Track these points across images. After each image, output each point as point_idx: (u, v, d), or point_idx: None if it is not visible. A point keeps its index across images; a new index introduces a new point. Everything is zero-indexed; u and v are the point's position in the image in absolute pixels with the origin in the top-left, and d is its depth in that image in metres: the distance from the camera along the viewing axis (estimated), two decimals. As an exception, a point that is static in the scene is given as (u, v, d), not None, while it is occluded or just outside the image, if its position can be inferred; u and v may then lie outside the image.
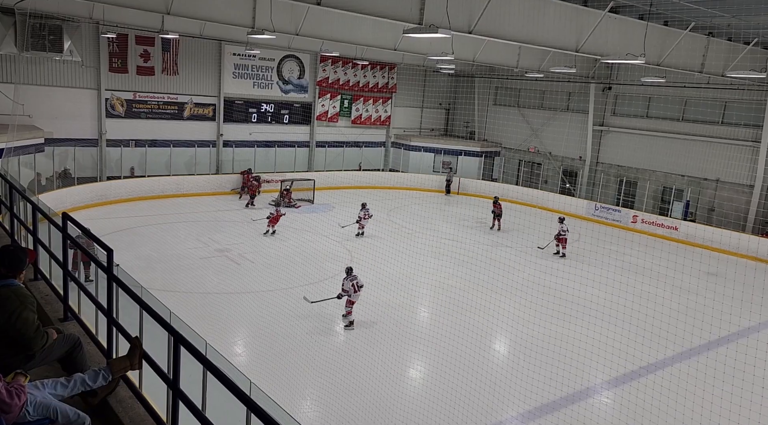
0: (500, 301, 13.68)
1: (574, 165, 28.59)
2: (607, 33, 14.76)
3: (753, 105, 22.02)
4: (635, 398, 9.79)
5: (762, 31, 16.52)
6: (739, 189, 22.48)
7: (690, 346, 12.08)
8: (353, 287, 11.74)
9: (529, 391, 9.49)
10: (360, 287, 11.88)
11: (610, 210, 24.71)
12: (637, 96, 26.16)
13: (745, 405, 9.60)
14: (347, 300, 11.89)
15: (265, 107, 27.92)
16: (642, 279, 16.30)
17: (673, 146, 24.48)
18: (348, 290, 11.78)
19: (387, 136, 32.61)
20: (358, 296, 11.95)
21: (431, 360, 11.03)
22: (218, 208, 22.26)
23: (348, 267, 12.23)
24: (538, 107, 30.39)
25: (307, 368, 10.21)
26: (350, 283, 11.78)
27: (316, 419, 8.89)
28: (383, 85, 31.53)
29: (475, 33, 12.82)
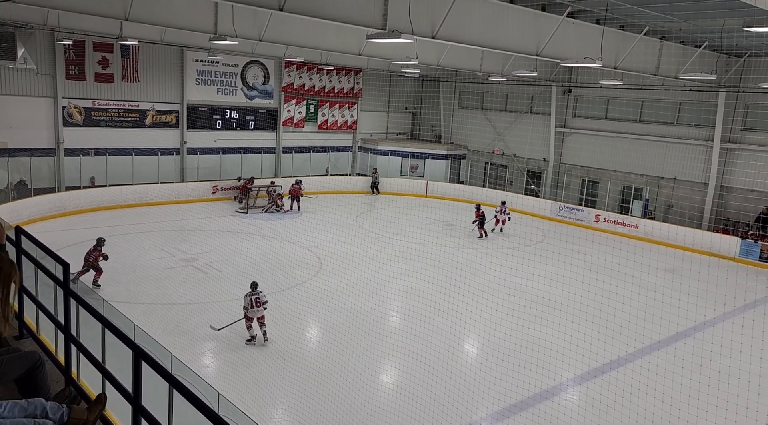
0: (469, 303, 13.82)
1: (539, 166, 29.14)
2: (565, 37, 15.12)
3: (705, 106, 22.85)
4: (600, 394, 10.01)
5: (711, 35, 17.19)
6: (694, 187, 23.28)
7: (651, 342, 12.43)
8: (251, 302, 11.24)
9: (499, 391, 9.61)
10: (260, 303, 11.26)
11: (574, 210, 25.27)
12: (597, 98, 26.85)
13: (702, 398, 9.93)
14: (246, 316, 11.35)
15: (229, 113, 27.61)
16: (605, 277, 16.70)
17: (631, 147, 25.20)
18: (245, 307, 11.33)
19: (354, 140, 32.64)
20: (256, 312, 11.27)
21: (403, 364, 11.07)
22: (184, 217, 21.88)
23: (252, 282, 11.67)
24: (502, 109, 30.88)
25: (279, 376, 10.12)
26: (248, 299, 11.31)
27: None
28: (349, 89, 31.56)
29: (438, 38, 12.96)
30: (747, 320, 14.27)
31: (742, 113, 22.09)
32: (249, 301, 11.25)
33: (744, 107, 22.02)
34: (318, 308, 13.49)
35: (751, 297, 16.06)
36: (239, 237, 19.60)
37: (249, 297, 11.31)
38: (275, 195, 24.24)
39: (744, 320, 14.29)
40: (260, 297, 11.30)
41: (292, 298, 13.98)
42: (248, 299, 11.30)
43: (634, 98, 25.13)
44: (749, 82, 21.08)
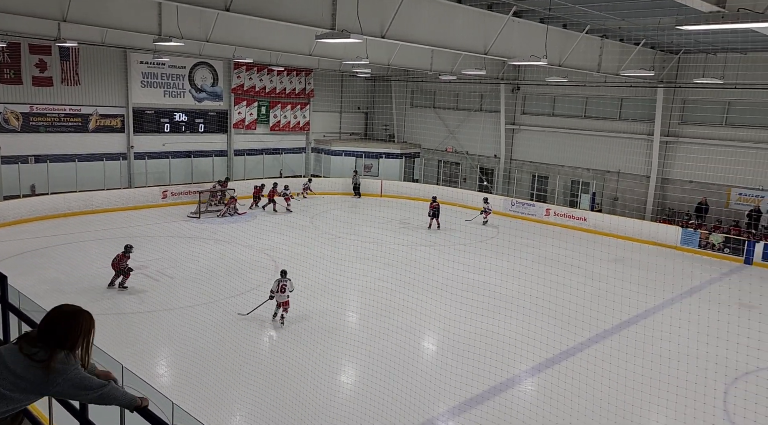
0: (426, 300, 13.97)
1: (490, 163, 29.70)
2: (511, 36, 15.47)
3: (645, 101, 23.82)
4: (554, 383, 10.32)
5: (648, 33, 17.93)
6: (637, 180, 24.25)
7: (600, 330, 12.89)
8: (279, 288, 12.53)
9: (457, 386, 9.76)
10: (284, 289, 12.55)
11: (525, 205, 25.88)
12: (544, 96, 27.58)
13: (646, 382, 10.38)
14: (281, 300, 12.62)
15: (178, 116, 26.94)
16: (556, 269, 17.19)
17: (578, 142, 26.01)
18: (273, 291, 12.60)
19: (307, 141, 32.43)
20: (281, 297, 12.57)
21: (362, 363, 11.09)
22: (132, 223, 21.22)
23: (282, 270, 12.99)
24: (454, 108, 31.31)
25: (236, 382, 9.97)
26: (277, 284, 12.58)
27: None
28: (300, 90, 31.33)
29: (387, 37, 13.03)
30: (687, 305, 15.00)
31: (679, 107, 23.14)
32: (277, 286, 12.51)
33: (681, 101, 23.07)
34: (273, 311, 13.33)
35: (692, 283, 16.87)
36: (192, 242, 19.17)
37: (278, 283, 12.55)
38: (229, 199, 23.84)
39: (684, 305, 15.02)
40: (287, 285, 12.53)
41: (248, 302, 13.78)
42: (277, 284, 12.54)
43: (578, 95, 25.94)
44: (685, 77, 22.11)
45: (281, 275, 12.78)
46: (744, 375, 10.97)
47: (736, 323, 12.61)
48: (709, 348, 11.45)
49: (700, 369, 10.87)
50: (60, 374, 2.74)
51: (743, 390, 10.39)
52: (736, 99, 21.48)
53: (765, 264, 19.17)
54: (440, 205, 22.99)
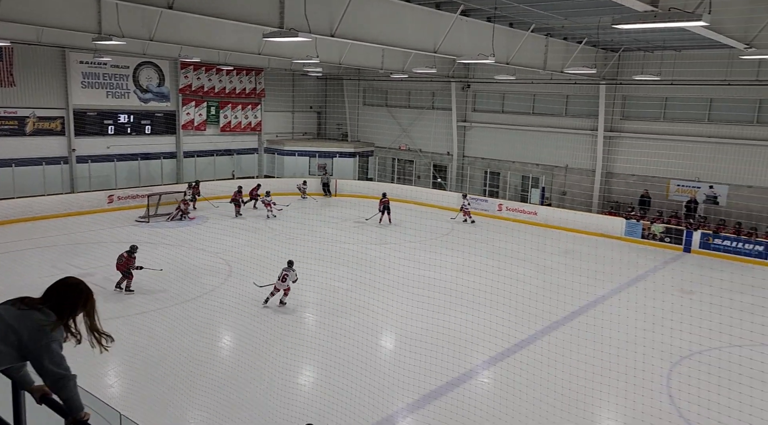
0: (382, 299, 14.02)
1: (443, 160, 30.06)
2: (460, 35, 15.70)
3: (589, 98, 24.61)
4: (509, 374, 10.55)
5: (589, 32, 18.54)
6: (583, 174, 25.06)
7: (552, 321, 13.27)
8: (284, 277, 13.49)
9: (414, 382, 9.84)
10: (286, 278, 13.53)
11: (478, 200, 26.32)
12: (493, 93, 28.11)
13: (596, 370, 10.75)
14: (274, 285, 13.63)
15: (122, 117, 26.07)
16: (510, 262, 17.58)
17: (527, 138, 26.65)
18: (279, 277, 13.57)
19: (259, 142, 31.99)
20: (281, 285, 13.58)
21: (319, 364, 11.04)
22: (77, 230, 20.40)
23: (289, 260, 13.89)
24: (406, 106, 31.52)
25: (189, 389, 9.74)
26: (282, 273, 13.54)
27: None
28: (251, 90, 30.86)
29: (337, 36, 12.99)
30: (632, 293, 15.62)
31: (620, 103, 24.03)
32: (280, 274, 13.53)
33: (622, 98, 23.97)
34: (229, 314, 13.13)
35: (636, 272, 17.58)
36: (141, 248, 18.54)
37: (282, 271, 13.54)
38: (180, 201, 23.23)
39: (629, 294, 15.63)
40: (289, 274, 13.51)
41: (202, 306, 13.51)
42: (281, 272, 13.53)
43: (526, 92, 26.57)
44: (625, 74, 22.99)
45: (288, 265, 13.65)
46: (684, 359, 11.51)
47: (677, 309, 13.22)
48: (652, 333, 11.96)
49: (645, 355, 11.35)
50: (46, 335, 2.90)
51: (684, 372, 10.90)
52: (672, 95, 22.49)
53: (702, 252, 20.17)
54: (390, 201, 23.62)
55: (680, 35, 17.49)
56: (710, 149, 21.62)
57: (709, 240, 20.13)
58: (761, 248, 19.09)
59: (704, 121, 21.99)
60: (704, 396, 9.36)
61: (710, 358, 11.46)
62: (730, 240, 19.75)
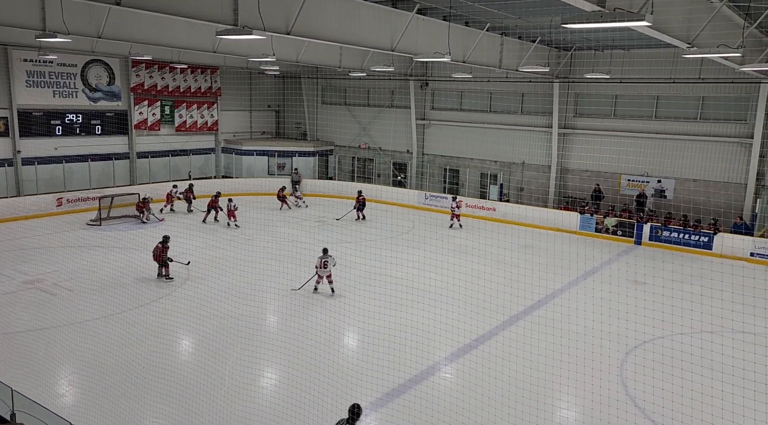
0: (345, 296, 14.02)
1: (403, 158, 30.21)
2: (416, 33, 15.80)
3: (543, 96, 25.17)
4: (472, 367, 10.71)
5: (542, 31, 18.97)
6: (540, 170, 25.63)
7: (512, 314, 13.54)
8: (321, 264, 14.17)
9: (378, 379, 9.88)
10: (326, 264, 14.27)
11: (439, 198, 26.57)
12: (451, 91, 28.42)
13: (554, 358, 11.04)
14: (317, 274, 14.37)
15: (70, 117, 25.16)
16: (470, 258, 17.83)
17: (485, 135, 27.06)
18: (317, 267, 14.24)
19: (216, 141, 31.41)
20: (324, 272, 14.32)
21: (282, 364, 10.94)
22: (23, 234, 19.60)
23: (324, 248, 14.52)
24: (365, 104, 31.52)
25: (146, 396, 9.50)
26: (319, 260, 14.17)
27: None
28: (207, 89, 30.26)
29: (293, 34, 12.86)
30: (586, 286, 16.09)
31: (573, 101, 24.69)
32: (319, 262, 14.11)
33: (574, 95, 24.62)
34: (187, 318, 12.86)
35: (590, 265, 18.11)
36: (94, 252, 18.01)
37: (320, 260, 14.10)
38: (140, 202, 22.47)
39: (584, 286, 16.09)
40: (329, 260, 14.15)
41: (159, 310, 13.19)
42: (320, 261, 14.08)
43: (483, 90, 26.96)
44: (577, 73, 23.63)
45: (323, 253, 14.18)
46: (636, 348, 11.94)
47: (629, 300, 13.69)
48: (606, 324, 12.36)
49: (598, 346, 11.72)
50: None
51: (636, 361, 11.31)
52: (621, 92, 23.25)
53: (652, 244, 20.95)
54: (365, 199, 23.90)
55: (628, 35, 18.09)
56: (657, 145, 22.47)
57: (659, 233, 20.92)
58: (705, 239, 19.96)
59: (651, 118, 22.82)
60: (655, 384, 9.73)
61: (660, 347, 11.92)
62: (677, 232, 20.56)
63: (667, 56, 20.81)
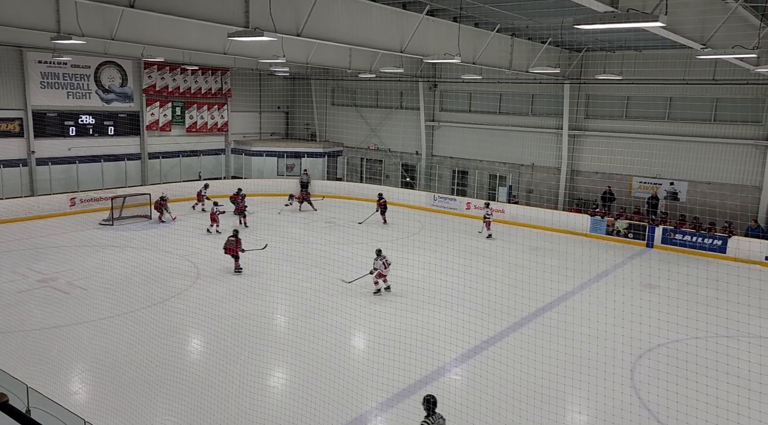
0: (353, 298, 14.03)
1: (412, 159, 30.20)
2: (426, 35, 15.81)
3: (554, 97, 25.07)
4: (481, 370, 10.67)
5: (554, 32, 18.89)
6: (549, 172, 25.51)
7: (521, 316, 13.48)
8: (383, 264, 14.30)
9: (386, 381, 9.89)
10: (389, 264, 14.52)
11: (447, 199, 26.54)
12: (460, 92, 28.37)
13: (565, 360, 10.98)
14: (378, 273, 14.41)
15: (84, 118, 25.41)
16: (480, 260, 17.77)
17: (494, 137, 26.99)
18: (378, 268, 14.30)
19: (226, 142, 31.58)
20: (387, 271, 14.48)
21: (291, 365, 10.97)
22: (37, 234, 19.80)
23: (377, 249, 14.65)
24: (374, 105, 31.56)
25: (158, 394, 9.57)
26: (380, 262, 14.28)
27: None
28: (217, 90, 30.44)
29: (303, 35, 12.93)
30: (597, 289, 15.98)
31: (584, 102, 24.55)
32: (382, 263, 14.30)
33: (585, 97, 24.48)
34: (198, 317, 12.93)
35: (601, 268, 17.99)
36: (106, 251, 18.17)
37: (381, 260, 14.29)
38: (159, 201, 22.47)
39: (594, 289, 15.98)
40: (387, 259, 14.45)
41: (169, 310, 13.28)
42: (380, 262, 14.28)
43: (493, 92, 26.90)
44: (588, 74, 23.50)
45: (377, 254, 14.38)
46: (648, 352, 11.84)
47: (641, 303, 13.58)
48: (617, 328, 12.26)
49: (610, 349, 11.64)
50: None
51: (650, 365, 11.22)
52: (633, 94, 23.09)
53: (664, 247, 20.77)
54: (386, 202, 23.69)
55: (640, 35, 17.97)
56: (670, 147, 22.28)
57: (671, 236, 20.74)
58: (719, 242, 19.76)
59: (664, 119, 22.63)
60: (667, 387, 9.65)
61: (675, 351, 11.81)
62: (690, 235, 20.37)
63: (681, 57, 20.66)
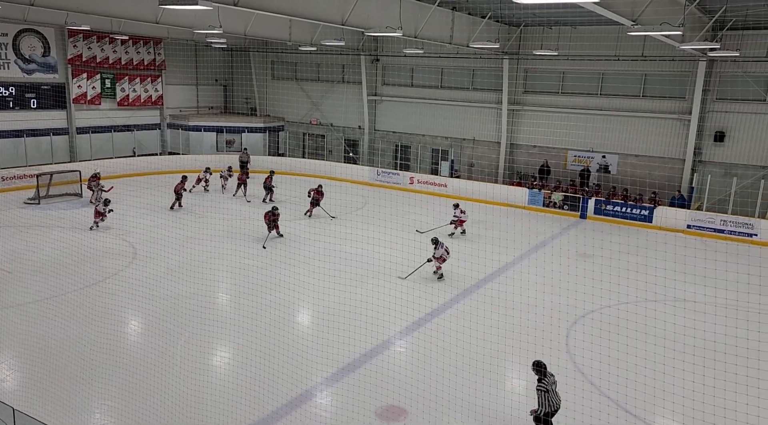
0: (298, 274, 13.95)
1: (355, 134, 30.02)
2: (368, 7, 15.58)
3: (493, 72, 25.40)
4: (424, 342, 10.91)
5: (493, 5, 19.05)
6: (490, 146, 26.01)
7: (464, 288, 13.83)
8: (445, 251, 14.11)
9: (332, 355, 9.95)
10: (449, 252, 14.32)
11: (390, 174, 26.63)
12: (402, 67, 28.28)
13: (504, 329, 11.39)
14: (441, 259, 14.19)
15: (2, 90, 23.68)
16: (421, 235, 18.00)
17: (436, 111, 27.16)
18: (440, 256, 14.10)
19: (162, 117, 30.30)
20: (449, 258, 14.30)
21: (234, 344, 10.83)
22: (-47, 215, 18.48)
23: (433, 238, 14.37)
24: (316, 79, 31.02)
25: (93, 378, 9.24)
26: (442, 250, 14.06)
27: (111, 431, 8.17)
28: (150, 61, 29.03)
29: (240, 5, 12.47)
30: (535, 259, 16.58)
31: (522, 77, 25.03)
32: (443, 251, 14.07)
33: (524, 72, 24.95)
34: (135, 298, 12.52)
35: (539, 239, 18.65)
36: (32, 231, 17.20)
37: (441, 249, 14.08)
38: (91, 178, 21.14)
39: (533, 260, 16.57)
40: (447, 248, 14.27)
41: (105, 291, 12.78)
42: (441, 250, 14.06)
43: (434, 66, 26.96)
44: (526, 49, 23.92)
45: (435, 243, 14.14)
46: (582, 318, 12.45)
47: (576, 272, 14.21)
48: (554, 296, 12.80)
49: (547, 316, 12.15)
50: None
51: (581, 330, 11.80)
52: (568, 69, 23.73)
53: (597, 218, 21.74)
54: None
55: (576, 12, 18.39)
56: (602, 121, 23.14)
57: (603, 207, 21.70)
58: (646, 212, 20.86)
59: (597, 94, 23.43)
60: (600, 351, 10.19)
61: (605, 316, 12.46)
62: (620, 206, 21.39)
63: (613, 33, 21.32)
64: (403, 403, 8.75)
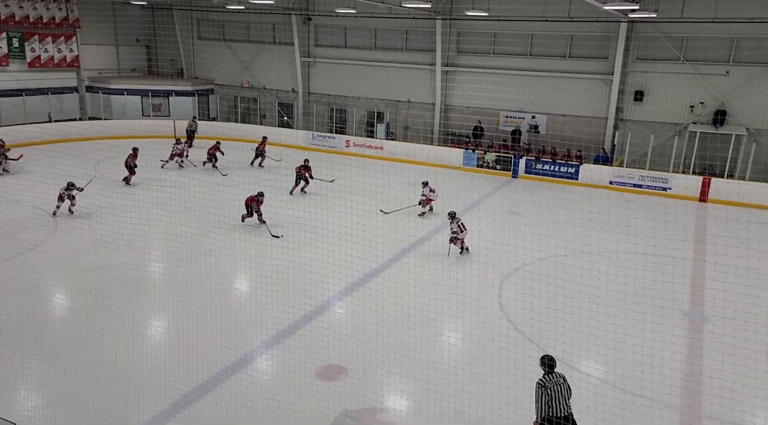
0: (233, 240, 13.70)
1: (289, 97, 29.32)
2: (296, -37, 15.00)
3: (427, 33, 25.32)
4: (363, 301, 11.06)
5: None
6: (424, 108, 26.13)
7: (401, 248, 14.04)
8: (460, 228, 13.45)
9: (272, 319, 9.93)
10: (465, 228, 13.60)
11: (326, 138, 26.33)
12: (335, 28, 27.67)
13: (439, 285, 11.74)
14: (456, 238, 13.55)
15: None
16: (360, 198, 17.97)
17: (370, 73, 26.90)
18: (456, 232, 13.48)
19: (79, 79, 28.39)
20: (465, 234, 13.61)
21: (170, 313, 10.57)
22: None
23: (450, 212, 13.73)
24: (245, 40, 29.87)
25: (17, 355, 8.80)
26: (456, 225, 13.44)
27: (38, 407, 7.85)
28: (62, 19, 26.96)
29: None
30: (470, 217, 17.01)
31: (455, 39, 25.10)
32: (458, 226, 13.39)
33: (456, 33, 25.02)
34: (59, 271, 11.95)
35: (474, 198, 19.12)
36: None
37: (457, 224, 13.37)
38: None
39: (467, 217, 16.99)
40: (463, 223, 13.56)
41: (24, 265, 12.11)
42: (456, 225, 13.37)
43: (368, 27, 26.54)
44: (458, 10, 23.94)
45: (451, 217, 13.51)
46: (514, 271, 12.98)
47: (508, 228, 14.72)
48: (488, 251, 13.24)
49: (482, 271, 12.58)
50: None
51: (514, 283, 12.32)
52: (499, 30, 24.00)
53: (527, 176, 22.49)
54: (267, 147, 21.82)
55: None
56: (532, 82, 23.71)
57: (533, 166, 22.44)
58: (573, 170, 21.76)
59: (527, 55, 23.89)
60: (531, 301, 10.69)
61: (536, 268, 13.04)
62: (548, 165, 22.19)
63: (541, -5, 21.64)
64: (343, 362, 8.90)
